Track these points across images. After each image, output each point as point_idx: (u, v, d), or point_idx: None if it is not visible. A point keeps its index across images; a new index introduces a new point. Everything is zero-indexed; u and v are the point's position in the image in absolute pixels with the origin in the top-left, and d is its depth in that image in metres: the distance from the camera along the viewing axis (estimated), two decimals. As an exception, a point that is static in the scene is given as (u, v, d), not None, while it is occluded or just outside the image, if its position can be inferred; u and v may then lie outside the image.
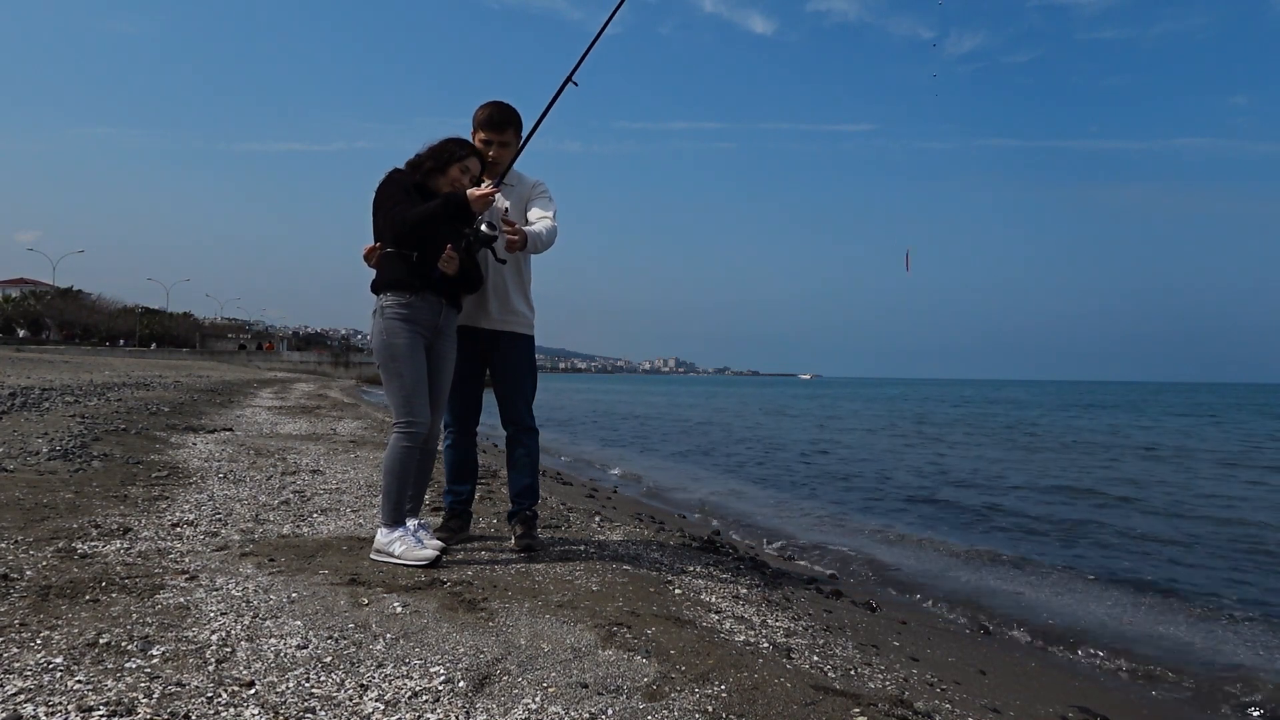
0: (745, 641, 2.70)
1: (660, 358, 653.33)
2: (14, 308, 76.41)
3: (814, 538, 6.42)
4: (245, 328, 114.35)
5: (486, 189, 3.16)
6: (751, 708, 2.04)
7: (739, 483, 10.08)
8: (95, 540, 3.22)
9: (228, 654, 2.11)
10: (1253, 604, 4.78)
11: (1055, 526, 7.26)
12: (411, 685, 2.00)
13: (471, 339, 3.58)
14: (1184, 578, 5.41)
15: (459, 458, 3.76)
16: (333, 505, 4.48)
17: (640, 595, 3.02)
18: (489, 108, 3.51)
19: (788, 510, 7.93)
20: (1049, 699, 3.09)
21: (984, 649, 3.76)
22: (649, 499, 8.21)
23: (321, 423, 11.02)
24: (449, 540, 3.58)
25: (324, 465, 6.25)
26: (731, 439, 17.45)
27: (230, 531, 3.62)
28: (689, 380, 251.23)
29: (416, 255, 3.19)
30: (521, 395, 3.67)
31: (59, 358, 33.82)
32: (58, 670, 1.92)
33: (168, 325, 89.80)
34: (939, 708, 2.51)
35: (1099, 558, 5.97)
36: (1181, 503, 9.00)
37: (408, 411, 3.19)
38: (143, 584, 2.66)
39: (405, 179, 3.27)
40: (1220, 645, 4.00)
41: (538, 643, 2.35)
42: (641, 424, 22.63)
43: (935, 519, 7.63)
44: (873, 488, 9.77)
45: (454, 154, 3.29)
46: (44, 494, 4.01)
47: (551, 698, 1.99)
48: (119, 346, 67.87)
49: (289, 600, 2.60)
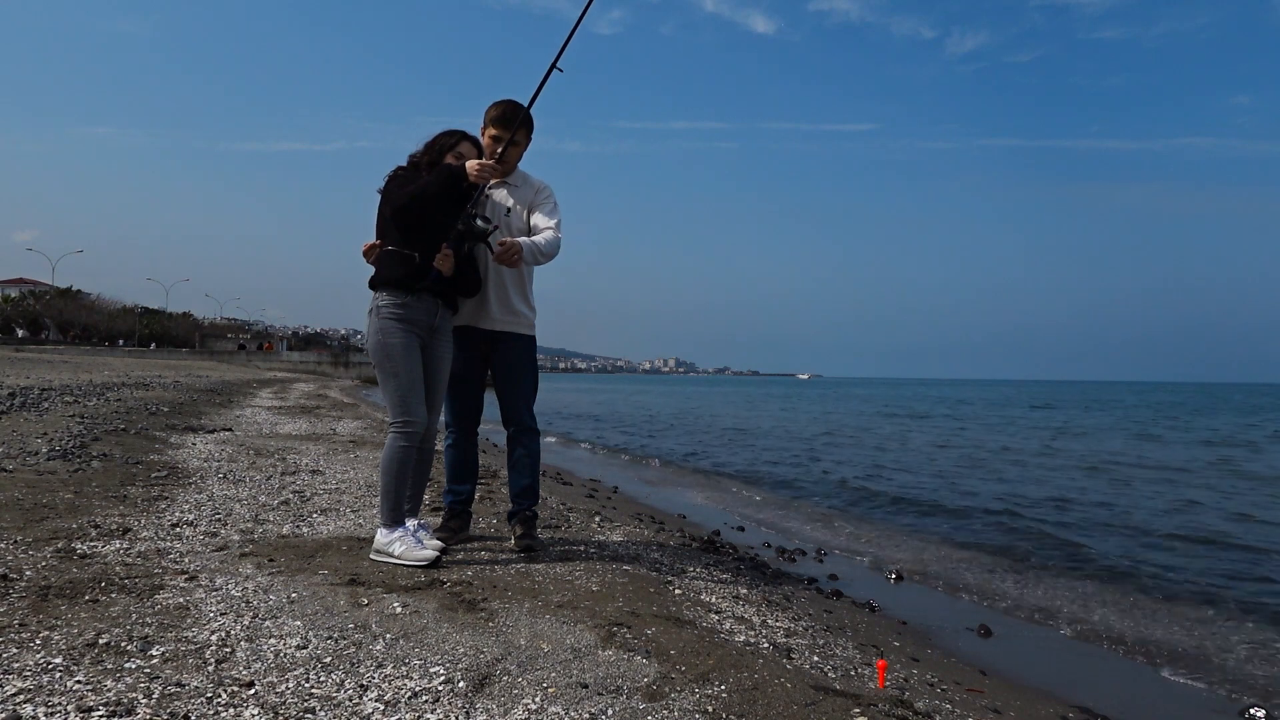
0: (745, 642, 2.70)
1: (660, 358, 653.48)
2: (13, 308, 76.39)
3: (814, 537, 6.42)
4: (245, 328, 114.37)
5: (487, 161, 3.18)
6: (751, 708, 2.04)
7: (737, 482, 10.08)
8: (95, 540, 3.22)
9: (227, 654, 2.11)
10: (1255, 604, 4.78)
11: (1054, 526, 7.26)
12: (411, 685, 1.99)
13: (472, 339, 3.58)
14: (1185, 578, 5.41)
15: (459, 458, 3.75)
16: (332, 505, 4.47)
17: (640, 595, 3.02)
18: (501, 105, 3.50)
19: (787, 510, 7.93)
20: (1050, 699, 3.09)
21: (984, 649, 3.76)
22: (648, 499, 8.21)
23: (321, 423, 11.02)
24: (449, 540, 3.58)
25: (324, 465, 6.25)
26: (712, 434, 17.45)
27: (230, 532, 3.62)
28: (687, 380, 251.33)
29: (418, 256, 3.19)
30: (522, 395, 3.67)
31: (58, 358, 33.81)
32: (57, 670, 1.91)
33: (167, 325, 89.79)
34: (939, 708, 2.51)
35: (1099, 558, 5.97)
36: (1181, 503, 9.00)
37: (404, 411, 3.20)
38: (142, 584, 2.66)
39: (409, 177, 3.28)
40: (1222, 646, 4.00)
41: (538, 643, 2.35)
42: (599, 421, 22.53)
43: (935, 519, 7.63)
44: (872, 487, 9.77)
45: (446, 144, 3.33)
46: (43, 494, 4.01)
47: (551, 698, 1.98)
48: (118, 346, 67.85)
49: (289, 600, 2.60)
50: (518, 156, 3.56)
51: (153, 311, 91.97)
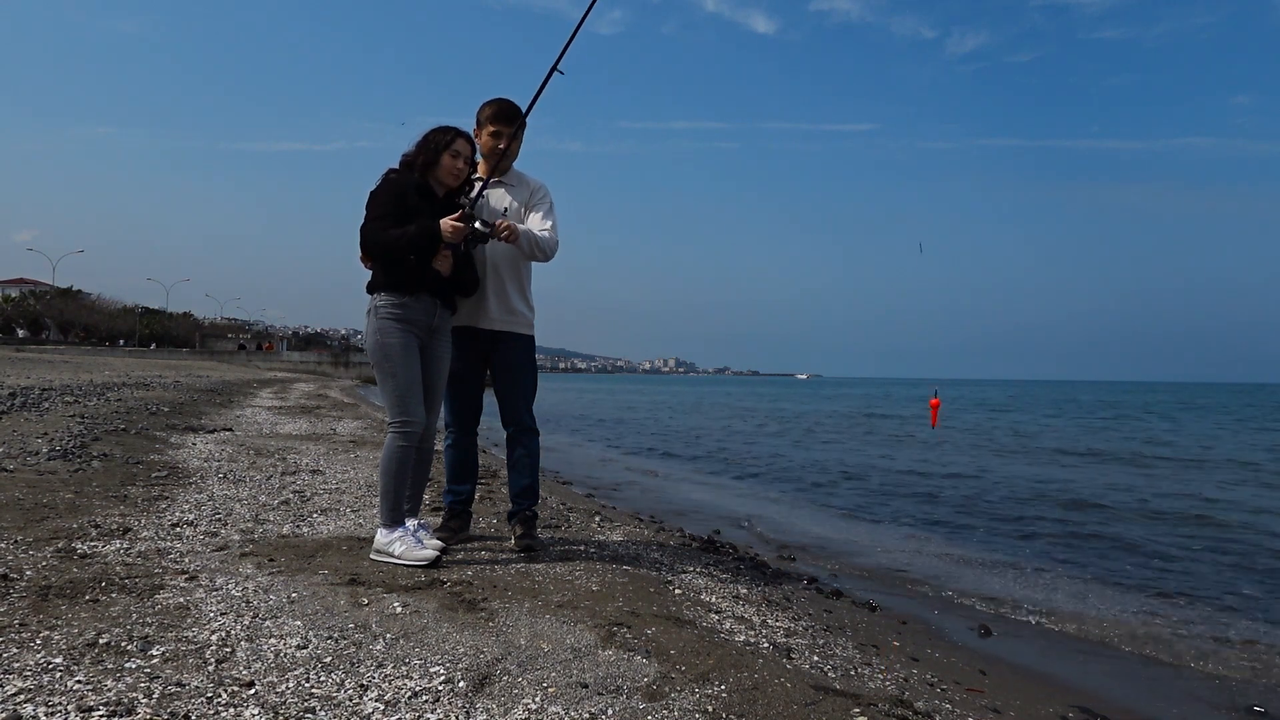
0: (745, 641, 2.70)
1: (660, 358, 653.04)
2: (13, 308, 76.41)
3: (814, 537, 6.42)
4: (245, 328, 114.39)
5: (460, 224, 3.14)
6: (751, 708, 2.04)
7: (736, 481, 10.09)
8: (95, 540, 3.22)
9: (228, 654, 2.11)
10: (1256, 604, 4.78)
11: (1053, 526, 7.26)
12: (411, 685, 2.00)
13: (471, 339, 3.58)
14: (1185, 577, 5.41)
15: (459, 457, 3.76)
16: (332, 505, 4.48)
17: (640, 595, 3.02)
18: (497, 102, 3.53)
19: (787, 509, 7.93)
20: (1049, 699, 3.09)
21: (984, 649, 3.76)
22: (648, 499, 8.21)
23: (321, 423, 11.02)
24: (449, 540, 3.58)
25: (324, 465, 6.25)
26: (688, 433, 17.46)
27: (230, 531, 3.62)
28: (685, 380, 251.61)
29: (414, 258, 3.19)
30: (521, 395, 3.67)
31: (59, 358, 33.81)
32: (57, 670, 1.91)
33: (167, 325, 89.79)
34: (939, 708, 2.51)
35: (1099, 558, 5.97)
36: (1179, 503, 9.00)
37: (402, 411, 3.20)
38: (143, 584, 2.66)
39: (403, 181, 3.26)
40: (1223, 644, 4.00)
41: (538, 643, 2.35)
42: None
43: (934, 520, 7.63)
44: (871, 488, 9.77)
45: (441, 142, 3.28)
46: (44, 494, 4.01)
47: (551, 698, 1.99)
48: (118, 346, 67.86)
49: (289, 600, 2.60)
50: (517, 151, 3.60)
51: (153, 311, 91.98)
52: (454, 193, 3.36)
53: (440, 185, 3.32)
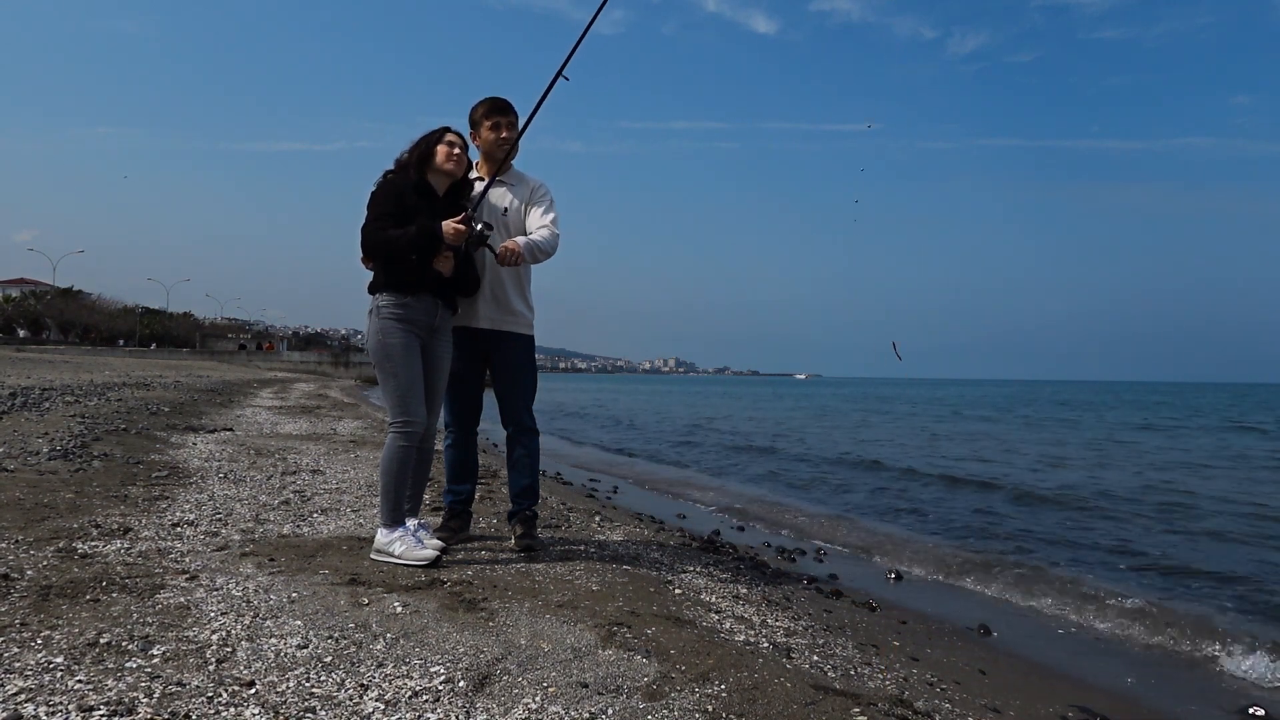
0: (745, 641, 2.70)
1: (660, 358, 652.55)
2: (14, 308, 76.43)
3: (814, 536, 6.42)
4: (245, 328, 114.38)
5: (462, 226, 3.14)
6: (751, 708, 2.04)
7: (736, 481, 10.09)
8: (95, 540, 3.22)
9: (228, 654, 2.11)
10: (1256, 604, 4.78)
11: (1053, 526, 7.26)
12: (411, 685, 2.00)
13: (471, 339, 3.58)
14: (1185, 576, 5.41)
15: (459, 457, 3.76)
16: (333, 505, 4.48)
17: (640, 595, 3.03)
18: (489, 99, 3.56)
19: (787, 509, 7.93)
20: (1049, 699, 3.10)
21: (984, 649, 3.76)
22: (648, 498, 8.21)
23: (321, 422, 11.03)
24: (449, 540, 3.58)
25: (324, 465, 6.26)
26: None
27: (230, 531, 3.63)
28: (688, 380, 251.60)
29: (415, 256, 3.19)
30: (521, 395, 3.68)
31: (59, 358, 33.82)
32: (58, 670, 1.92)
33: (168, 325, 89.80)
34: (939, 708, 2.52)
35: (1099, 559, 5.97)
36: (1178, 504, 9.00)
37: (403, 411, 3.20)
38: (143, 584, 2.66)
39: (400, 181, 3.26)
40: (1222, 644, 4.00)
41: (538, 643, 2.35)
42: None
43: (934, 520, 7.63)
44: (871, 487, 9.77)
45: (432, 137, 3.30)
46: (44, 494, 4.01)
47: (551, 697, 1.99)
48: (119, 346, 67.87)
49: (289, 600, 2.60)
50: (516, 136, 3.57)
51: (153, 311, 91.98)
52: (455, 189, 3.36)
53: (440, 178, 3.31)
